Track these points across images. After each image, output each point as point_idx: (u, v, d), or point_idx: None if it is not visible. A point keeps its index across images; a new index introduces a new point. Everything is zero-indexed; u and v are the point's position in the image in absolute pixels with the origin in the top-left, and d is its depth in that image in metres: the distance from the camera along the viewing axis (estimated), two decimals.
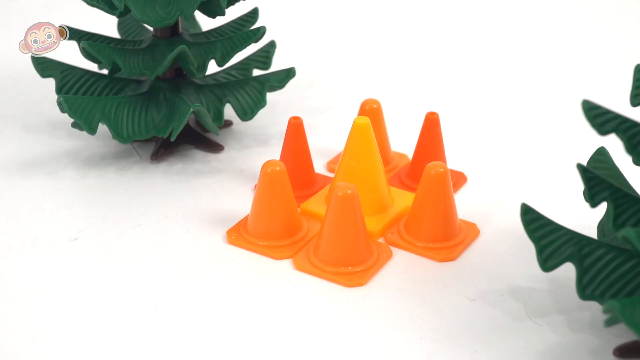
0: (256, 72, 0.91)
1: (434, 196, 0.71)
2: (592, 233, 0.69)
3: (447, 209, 0.71)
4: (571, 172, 0.73)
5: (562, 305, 0.66)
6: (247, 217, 0.74)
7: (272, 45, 0.92)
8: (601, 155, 0.68)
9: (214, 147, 0.88)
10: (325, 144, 0.89)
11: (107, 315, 0.65)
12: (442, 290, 0.68)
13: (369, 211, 0.74)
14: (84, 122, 0.80)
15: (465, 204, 0.78)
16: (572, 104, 0.97)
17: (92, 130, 0.81)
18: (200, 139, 0.88)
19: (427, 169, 0.71)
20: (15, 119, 0.94)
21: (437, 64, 1.11)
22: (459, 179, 0.83)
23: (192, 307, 0.66)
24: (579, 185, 0.68)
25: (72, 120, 0.84)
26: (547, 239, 0.60)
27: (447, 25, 1.23)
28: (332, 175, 0.83)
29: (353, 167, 0.75)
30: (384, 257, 0.71)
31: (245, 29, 0.89)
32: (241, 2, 0.87)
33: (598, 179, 0.61)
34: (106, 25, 0.98)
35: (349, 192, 0.67)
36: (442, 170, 0.71)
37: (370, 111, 0.82)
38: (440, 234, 0.72)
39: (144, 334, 0.63)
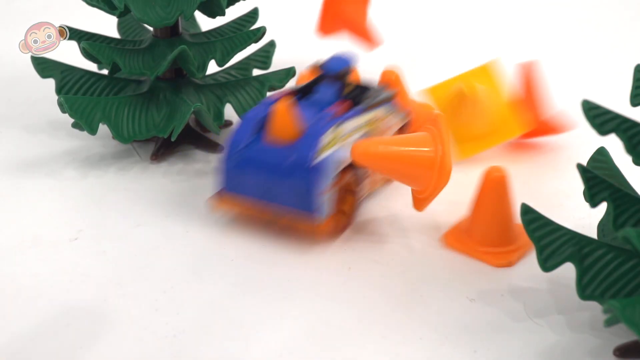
0: (256, 72, 0.91)
1: (492, 201, 0.71)
2: (592, 233, 0.69)
3: (506, 214, 0.71)
4: (571, 172, 0.73)
5: (562, 305, 0.66)
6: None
7: (272, 45, 0.92)
8: (601, 155, 0.67)
9: (215, 147, 0.88)
10: None
11: (107, 315, 0.65)
12: (442, 290, 0.68)
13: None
14: (85, 122, 0.80)
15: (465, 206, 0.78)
16: (571, 103, 0.97)
17: (92, 130, 0.81)
18: (200, 138, 0.88)
19: (487, 174, 0.71)
20: (15, 119, 0.94)
21: (436, 64, 1.11)
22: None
23: (192, 307, 0.66)
24: (579, 185, 0.68)
25: (72, 120, 0.84)
26: (547, 239, 0.60)
27: (448, 26, 1.23)
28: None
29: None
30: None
31: (245, 29, 0.89)
32: (241, 2, 0.87)
33: (598, 179, 0.61)
34: (106, 25, 0.98)
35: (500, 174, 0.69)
36: (500, 174, 0.70)
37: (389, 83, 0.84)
38: (496, 239, 0.71)
39: (144, 334, 0.63)
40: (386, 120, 0.77)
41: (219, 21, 0.90)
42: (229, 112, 0.91)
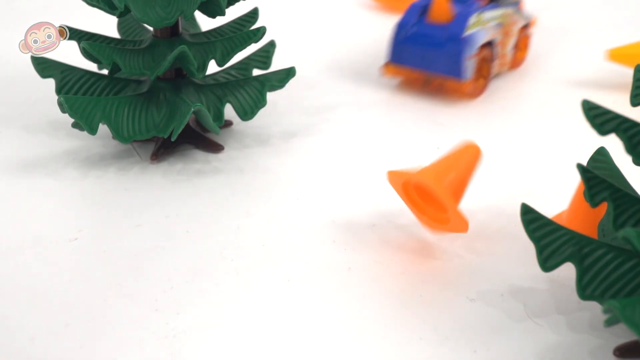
0: (256, 72, 0.92)
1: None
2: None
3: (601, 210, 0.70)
4: (571, 172, 0.73)
5: (562, 305, 0.66)
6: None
7: (272, 45, 0.92)
8: (601, 155, 0.68)
9: (214, 147, 0.88)
10: (325, 145, 0.89)
11: (107, 315, 0.65)
12: (442, 290, 0.68)
13: None
14: (85, 122, 0.80)
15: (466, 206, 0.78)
16: (572, 103, 0.97)
17: (92, 130, 0.81)
18: (200, 138, 0.88)
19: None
20: (15, 119, 0.94)
21: None
22: None
23: (192, 307, 0.66)
24: None
25: (72, 120, 0.84)
26: (547, 239, 0.60)
27: None
28: None
29: None
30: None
31: (245, 29, 0.89)
32: (241, 2, 0.87)
33: (598, 179, 0.61)
34: (106, 25, 0.98)
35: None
36: None
37: None
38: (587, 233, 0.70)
39: (144, 334, 0.63)
40: (514, 17, 1.04)
41: (219, 21, 0.90)
42: (229, 112, 0.91)
